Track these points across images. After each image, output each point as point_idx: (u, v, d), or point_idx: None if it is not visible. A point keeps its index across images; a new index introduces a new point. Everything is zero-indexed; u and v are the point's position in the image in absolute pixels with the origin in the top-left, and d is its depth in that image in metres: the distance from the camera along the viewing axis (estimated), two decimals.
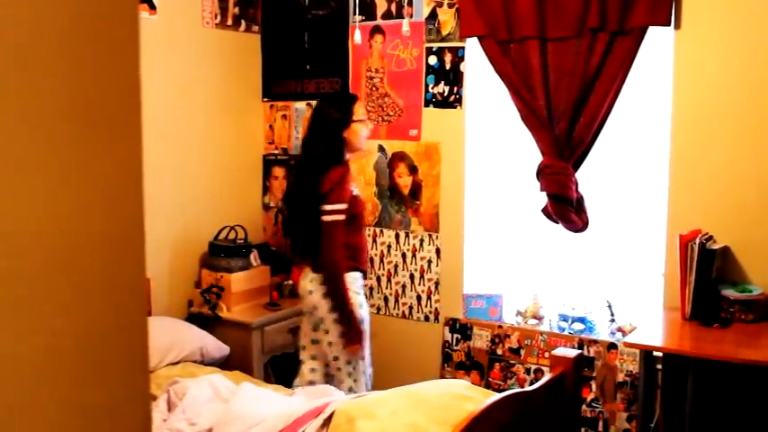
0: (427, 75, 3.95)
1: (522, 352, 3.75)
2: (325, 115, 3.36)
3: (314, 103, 4.37)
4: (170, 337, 3.64)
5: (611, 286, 3.63)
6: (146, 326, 0.83)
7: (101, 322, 0.75)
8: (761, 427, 3.07)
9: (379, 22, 4.08)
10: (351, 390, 3.32)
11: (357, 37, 3.59)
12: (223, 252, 4.10)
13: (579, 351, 2.66)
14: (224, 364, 3.81)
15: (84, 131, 0.72)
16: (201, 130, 4.23)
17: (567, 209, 3.43)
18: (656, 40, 3.32)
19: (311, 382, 3.38)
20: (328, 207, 3.22)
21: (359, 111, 3.37)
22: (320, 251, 3.27)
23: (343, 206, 3.25)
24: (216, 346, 3.81)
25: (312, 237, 3.32)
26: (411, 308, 4.10)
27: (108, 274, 0.76)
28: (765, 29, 3.05)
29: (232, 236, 4.24)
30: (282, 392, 3.23)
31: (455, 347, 3.94)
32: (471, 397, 2.48)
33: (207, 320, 4.01)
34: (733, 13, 3.11)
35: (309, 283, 3.35)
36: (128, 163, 0.78)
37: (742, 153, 3.14)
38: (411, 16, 3.95)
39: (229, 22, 4.35)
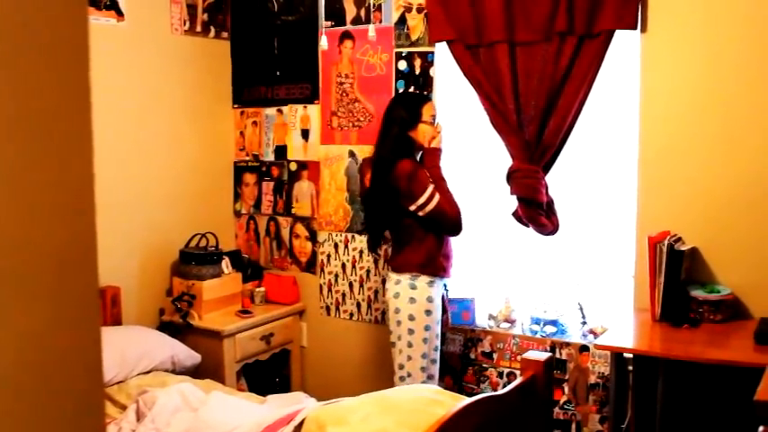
0: (397, 80, 3.95)
1: (495, 355, 3.76)
2: (392, 114, 3.41)
3: (284, 108, 4.37)
4: (141, 346, 3.60)
5: (582, 289, 3.65)
6: (99, 338, 0.81)
7: (49, 334, 0.73)
8: (730, 426, 3.09)
9: (349, 27, 4.08)
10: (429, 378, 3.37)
11: (323, 42, 3.58)
12: (194, 260, 4.07)
13: (550, 354, 2.66)
14: (196, 372, 3.78)
15: (30, 140, 0.71)
16: (172, 137, 4.19)
17: (537, 212, 3.44)
18: (624, 44, 3.34)
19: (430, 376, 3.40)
20: (420, 201, 3.26)
21: (427, 112, 3.39)
22: (441, 228, 3.34)
23: (429, 190, 3.27)
24: (187, 355, 3.78)
25: (393, 234, 3.42)
26: (383, 313, 4.08)
27: (56, 286, 0.74)
28: (730, 32, 3.09)
29: (203, 243, 4.20)
30: (254, 400, 3.21)
31: None
32: (442, 401, 2.47)
33: (178, 329, 3.97)
34: (698, 16, 3.14)
35: (395, 286, 3.39)
36: (77, 172, 0.77)
37: (709, 154, 3.17)
38: (380, 21, 3.95)
39: (198, 28, 4.33)
